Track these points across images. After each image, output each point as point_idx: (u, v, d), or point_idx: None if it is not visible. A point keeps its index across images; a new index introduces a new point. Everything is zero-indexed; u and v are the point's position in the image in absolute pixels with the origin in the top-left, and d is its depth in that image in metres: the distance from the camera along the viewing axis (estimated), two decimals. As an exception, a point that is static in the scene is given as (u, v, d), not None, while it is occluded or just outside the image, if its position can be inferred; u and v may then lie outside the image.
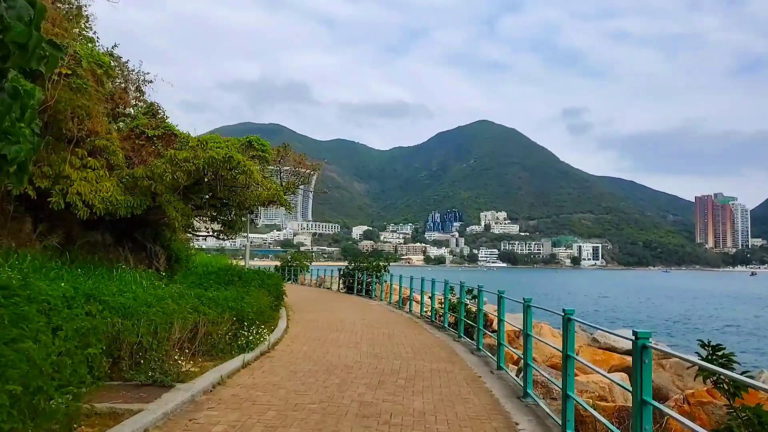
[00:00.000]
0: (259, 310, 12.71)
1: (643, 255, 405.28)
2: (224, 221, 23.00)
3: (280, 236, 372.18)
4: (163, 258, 21.95)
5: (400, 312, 22.04)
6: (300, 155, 22.17)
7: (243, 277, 20.18)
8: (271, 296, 17.67)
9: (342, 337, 14.26)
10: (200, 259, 32.16)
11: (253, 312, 12.06)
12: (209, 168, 16.67)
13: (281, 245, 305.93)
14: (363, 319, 18.76)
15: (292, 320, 17.78)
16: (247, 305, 12.07)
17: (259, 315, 12.63)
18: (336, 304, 24.87)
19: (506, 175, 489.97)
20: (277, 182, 20.75)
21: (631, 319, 46.28)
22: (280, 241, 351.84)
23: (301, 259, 52.69)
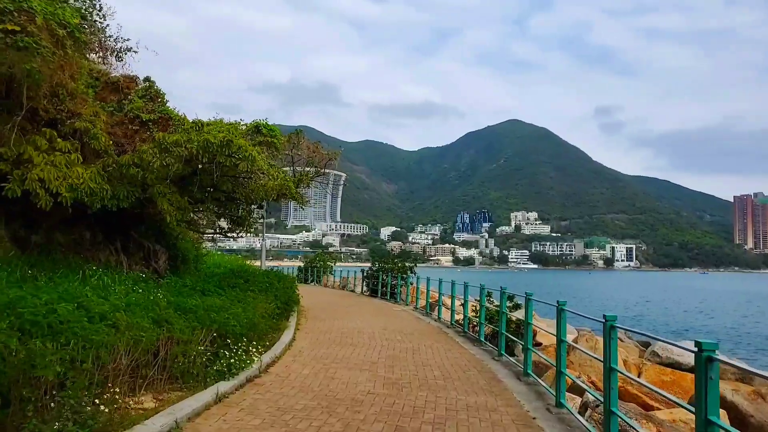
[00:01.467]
0: (250, 322, 10.26)
1: (679, 256, 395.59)
2: (232, 217, 20.73)
3: (309, 237, 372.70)
4: (164, 258, 19.72)
5: (428, 320, 19.49)
6: (315, 143, 19.76)
7: (251, 279, 17.91)
8: (278, 302, 15.30)
9: (356, 354, 11.76)
10: (213, 260, 30.11)
11: (240, 325, 9.62)
12: (204, 153, 14.32)
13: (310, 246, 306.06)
14: (384, 328, 16.25)
15: (301, 330, 15.35)
16: (232, 317, 9.62)
17: (251, 329, 10.18)
18: (356, 310, 22.41)
19: (537, 175, 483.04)
20: (286, 172, 18.37)
21: (687, 327, 42.02)
22: (309, 242, 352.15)
23: (325, 260, 50.29)
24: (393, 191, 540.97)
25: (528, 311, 9.97)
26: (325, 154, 19.75)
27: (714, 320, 48.46)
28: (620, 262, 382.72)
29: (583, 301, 64.55)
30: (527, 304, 10.01)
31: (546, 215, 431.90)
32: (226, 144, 14.51)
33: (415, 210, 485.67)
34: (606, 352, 6.45)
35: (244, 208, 18.90)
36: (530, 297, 9.95)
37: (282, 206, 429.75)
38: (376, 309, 23.18)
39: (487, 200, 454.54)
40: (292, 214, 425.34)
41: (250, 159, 14.63)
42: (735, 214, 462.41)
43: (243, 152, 14.58)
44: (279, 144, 18.32)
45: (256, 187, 16.09)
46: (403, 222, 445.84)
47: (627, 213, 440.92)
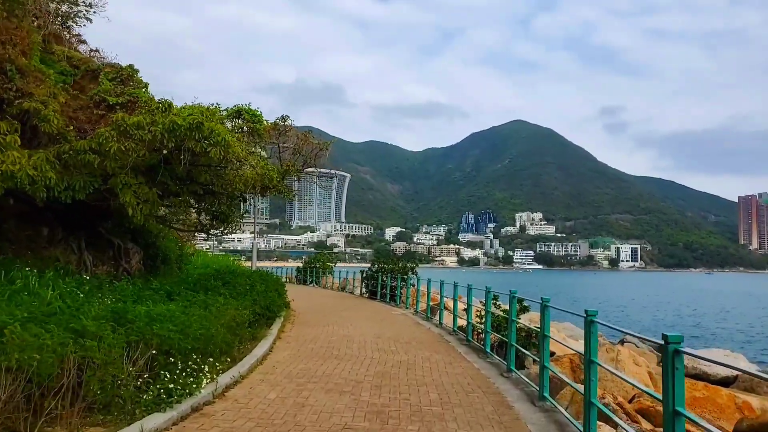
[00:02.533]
0: (206, 334, 8.43)
1: (684, 257, 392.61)
2: (214, 213, 18.97)
3: (313, 238, 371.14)
4: (137, 258, 17.97)
5: (428, 325, 17.68)
6: (305, 132, 17.95)
7: (231, 281, 16.17)
8: (256, 307, 13.52)
9: (340, 369, 9.95)
10: (201, 260, 28.41)
11: (192, 338, 7.83)
12: (170, 138, 12.55)
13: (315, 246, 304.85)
14: (378, 336, 14.45)
15: (283, 339, 13.56)
16: (180, 328, 7.80)
17: (207, 342, 8.38)
18: (351, 314, 20.61)
19: (542, 175, 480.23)
20: (268, 161, 16.56)
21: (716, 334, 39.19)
22: (314, 242, 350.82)
23: (324, 260, 48.44)
24: (397, 192, 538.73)
25: (545, 321, 8.15)
26: (316, 144, 17.93)
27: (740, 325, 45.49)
28: (625, 263, 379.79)
29: (595, 304, 62.36)
30: (544, 312, 8.19)
31: (551, 216, 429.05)
32: (196, 127, 12.75)
33: (419, 210, 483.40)
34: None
35: (226, 202, 17.09)
36: (547, 303, 8.14)
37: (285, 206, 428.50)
38: (373, 313, 21.38)
39: (492, 201, 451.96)
40: (296, 215, 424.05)
41: (223, 144, 12.86)
42: (740, 215, 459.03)
43: (215, 137, 12.82)
44: (262, 130, 16.56)
45: (234, 178, 14.30)
46: (407, 222, 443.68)
47: (632, 213, 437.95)
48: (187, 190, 15.95)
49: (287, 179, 17.64)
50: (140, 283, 13.86)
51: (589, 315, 6.23)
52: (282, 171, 16.83)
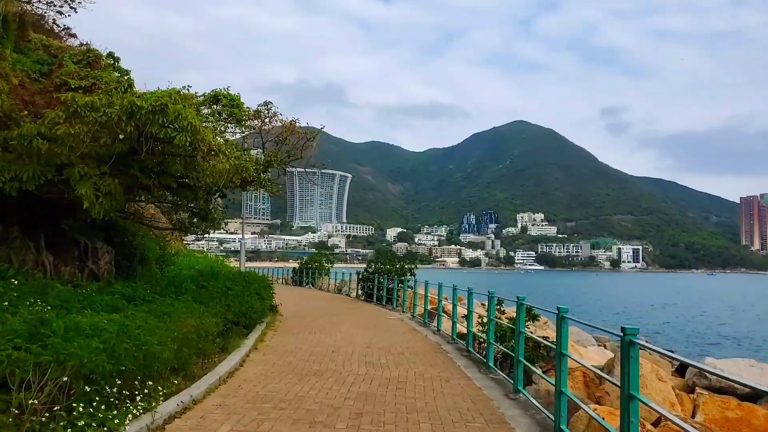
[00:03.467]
0: (149, 352, 6.88)
1: (685, 257, 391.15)
2: (192, 209, 17.46)
3: (314, 238, 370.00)
4: (107, 258, 16.41)
5: (425, 332, 16.16)
6: (291, 122, 16.40)
7: (208, 285, 14.70)
8: (229, 314, 12.01)
9: (317, 390, 8.41)
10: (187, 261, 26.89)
11: (123, 359, 6.29)
12: (129, 121, 11.04)
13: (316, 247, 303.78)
14: (368, 346, 12.92)
15: (261, 350, 12.03)
16: (102, 347, 6.23)
17: (151, 361, 6.85)
18: (342, 318, 19.09)
19: (543, 175, 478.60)
20: (248, 151, 15.02)
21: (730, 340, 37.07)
22: (315, 243, 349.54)
23: (321, 261, 46.89)
24: (399, 192, 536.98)
25: (562, 336, 6.61)
26: (303, 133, 16.39)
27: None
28: (627, 264, 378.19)
29: (600, 307, 60.54)
30: (560, 324, 6.66)
31: (552, 216, 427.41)
32: (160, 110, 11.21)
33: (420, 211, 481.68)
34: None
35: (203, 197, 15.56)
36: (565, 314, 6.60)
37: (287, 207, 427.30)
38: (367, 317, 19.86)
39: (493, 201, 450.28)
40: (297, 216, 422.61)
41: (189, 130, 11.33)
42: (741, 215, 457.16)
43: (181, 121, 11.30)
44: (241, 115, 15.03)
45: (207, 169, 12.76)
46: (408, 223, 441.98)
47: (633, 214, 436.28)
48: (159, 184, 14.40)
49: (270, 172, 16.10)
50: (98, 286, 12.32)
51: (628, 334, 4.88)
52: (263, 163, 15.30)
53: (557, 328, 6.70)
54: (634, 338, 4.98)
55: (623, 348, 5.07)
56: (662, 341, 33.45)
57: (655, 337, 35.22)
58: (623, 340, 5.05)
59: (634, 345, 4.99)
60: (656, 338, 34.70)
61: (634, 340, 4.97)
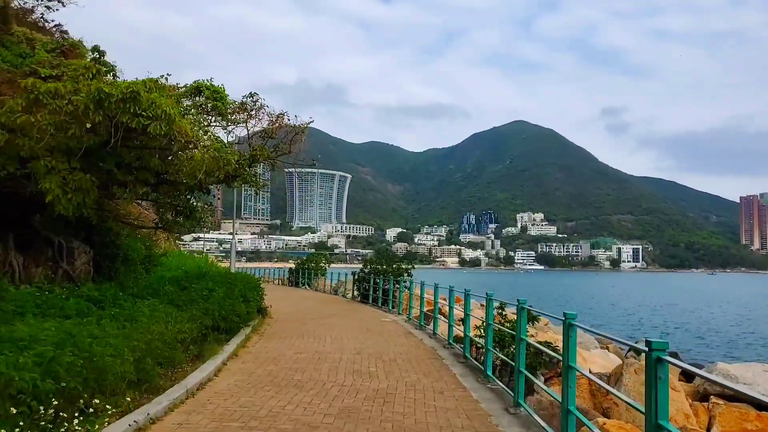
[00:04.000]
0: (98, 366, 6.00)
1: (685, 257, 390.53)
2: (176, 207, 16.60)
3: (314, 239, 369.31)
4: (84, 259, 15.53)
5: (421, 335, 15.30)
6: (279, 115, 15.52)
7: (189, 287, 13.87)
8: (207, 318, 11.14)
9: (294, 404, 7.54)
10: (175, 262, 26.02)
11: (64, 373, 5.42)
12: (98, 110, 10.18)
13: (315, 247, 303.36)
14: (358, 351, 12.06)
15: (242, 357, 11.16)
16: (35, 361, 5.37)
17: (102, 375, 5.97)
18: (334, 321, 18.23)
19: (543, 175, 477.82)
20: (231, 145, 14.12)
21: None
22: (315, 243, 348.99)
23: (317, 261, 45.96)
24: (398, 192, 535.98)
25: (570, 346, 5.74)
26: (291, 127, 15.51)
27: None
28: (627, 263, 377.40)
29: (605, 309, 59.29)
30: (568, 332, 5.78)
31: (552, 216, 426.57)
32: (131, 98, 10.37)
33: (420, 211, 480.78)
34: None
35: (185, 193, 14.69)
36: (572, 320, 5.73)
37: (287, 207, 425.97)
38: (360, 320, 19.00)
39: (493, 201, 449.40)
40: (297, 216, 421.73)
41: (164, 119, 10.48)
42: (741, 215, 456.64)
43: (155, 110, 10.45)
44: (224, 108, 14.17)
45: (185, 162, 11.89)
46: (408, 223, 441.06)
47: (633, 214, 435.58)
48: (137, 180, 13.54)
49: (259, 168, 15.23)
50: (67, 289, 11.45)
51: (655, 349, 3.95)
52: (248, 157, 14.43)
53: (564, 337, 5.83)
54: (662, 354, 3.96)
55: (649, 366, 4.05)
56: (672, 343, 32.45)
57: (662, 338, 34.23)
58: (649, 358, 4.03)
59: (662, 363, 3.97)
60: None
61: (662, 357, 3.95)
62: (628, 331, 37.53)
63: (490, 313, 9.51)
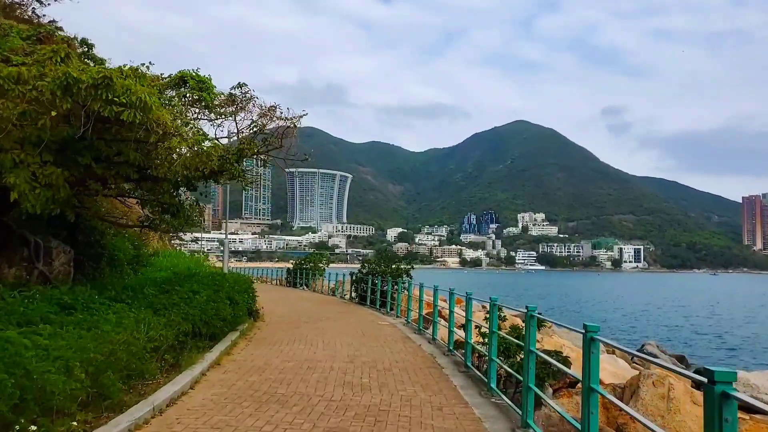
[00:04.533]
0: (36, 383, 5.15)
1: (687, 257, 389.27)
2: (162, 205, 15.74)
3: (315, 238, 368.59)
4: (63, 259, 14.67)
5: (419, 340, 14.44)
6: (271, 108, 14.63)
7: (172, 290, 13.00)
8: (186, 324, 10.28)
9: (273, 425, 6.65)
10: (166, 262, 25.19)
11: None
12: (65, 97, 9.33)
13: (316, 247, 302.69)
14: (351, 359, 11.20)
15: (224, 365, 10.30)
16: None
17: (39, 400, 5.12)
18: (329, 324, 17.36)
19: (544, 176, 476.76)
20: (216, 139, 13.22)
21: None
22: (315, 243, 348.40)
23: (316, 261, 45.05)
24: (399, 192, 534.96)
25: (591, 364, 4.86)
26: (283, 120, 14.63)
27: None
28: (628, 263, 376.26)
29: (611, 311, 57.82)
30: (589, 347, 4.91)
31: (553, 216, 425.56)
32: (103, 84, 9.53)
33: (421, 211, 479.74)
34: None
35: (168, 190, 13.82)
36: (595, 334, 4.86)
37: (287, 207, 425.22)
38: (357, 323, 18.13)
39: (494, 201, 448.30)
40: (298, 216, 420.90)
41: (139, 106, 9.62)
42: (744, 215, 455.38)
43: (129, 96, 9.59)
44: (210, 99, 13.30)
45: (165, 155, 11.02)
46: (409, 223, 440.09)
47: (635, 214, 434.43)
48: (117, 175, 12.68)
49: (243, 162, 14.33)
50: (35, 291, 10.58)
51: (720, 381, 3.04)
52: (235, 151, 13.56)
53: (585, 353, 4.96)
54: (729, 389, 3.04)
55: (712, 403, 3.14)
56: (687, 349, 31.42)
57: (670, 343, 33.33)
58: (712, 392, 3.11)
59: (729, 401, 3.04)
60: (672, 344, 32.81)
61: (729, 391, 3.02)
62: (639, 336, 36.34)
63: (494, 319, 8.63)
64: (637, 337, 35.84)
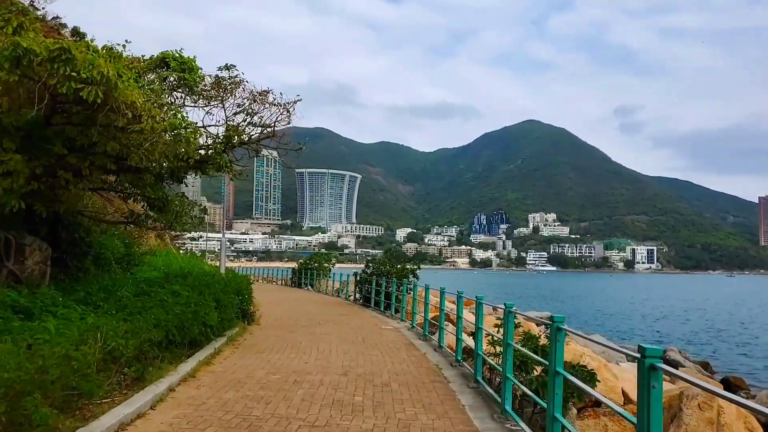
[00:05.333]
0: None
1: (702, 258, 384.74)
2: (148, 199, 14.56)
3: (324, 239, 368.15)
4: (37, 257, 13.48)
5: (424, 348, 13.16)
6: (262, 92, 13.38)
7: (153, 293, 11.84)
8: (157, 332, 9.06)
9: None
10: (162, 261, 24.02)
11: None
12: (16, 71, 8.13)
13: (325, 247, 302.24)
14: (346, 371, 9.93)
15: (200, 378, 9.06)
16: None
17: None
18: (327, 329, 16.11)
19: (555, 175, 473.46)
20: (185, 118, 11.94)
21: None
22: (325, 243, 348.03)
23: (321, 261, 43.83)
24: (409, 192, 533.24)
25: (651, 401, 3.56)
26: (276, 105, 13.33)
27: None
28: (641, 264, 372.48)
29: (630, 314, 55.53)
30: (648, 378, 3.60)
31: (565, 216, 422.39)
32: (62, 58, 8.32)
33: (431, 211, 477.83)
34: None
35: (151, 182, 12.59)
36: (657, 362, 3.56)
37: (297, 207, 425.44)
38: (357, 328, 16.88)
39: (505, 201, 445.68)
40: (307, 216, 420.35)
41: (102, 82, 8.40)
42: (760, 215, 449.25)
43: (90, 71, 8.38)
44: (193, 81, 12.08)
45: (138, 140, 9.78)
46: (418, 223, 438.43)
47: (647, 214, 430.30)
48: (92, 165, 11.47)
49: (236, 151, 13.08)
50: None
51: None
52: (222, 139, 12.33)
53: (642, 386, 3.63)
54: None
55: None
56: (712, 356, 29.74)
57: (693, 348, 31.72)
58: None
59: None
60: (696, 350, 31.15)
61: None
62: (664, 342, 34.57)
63: (509, 330, 7.32)
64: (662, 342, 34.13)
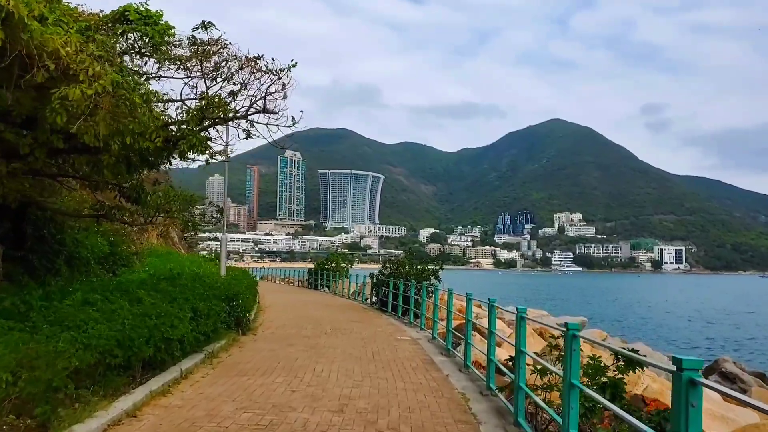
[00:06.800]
0: None
1: (732, 259, 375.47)
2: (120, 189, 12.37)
3: (347, 239, 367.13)
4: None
5: (447, 367, 10.71)
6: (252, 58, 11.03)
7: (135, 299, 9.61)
8: (91, 352, 6.74)
9: None
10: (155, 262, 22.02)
11: None
12: None
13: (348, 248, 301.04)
14: (342, 408, 7.51)
15: (142, 418, 6.74)
16: None
17: None
18: (333, 341, 13.71)
19: (581, 175, 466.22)
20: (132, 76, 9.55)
21: None
22: (348, 243, 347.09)
23: (338, 261, 41.48)
24: (432, 193, 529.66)
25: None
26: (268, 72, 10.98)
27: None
28: (669, 265, 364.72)
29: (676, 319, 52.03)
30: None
31: (590, 216, 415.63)
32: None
33: (453, 212, 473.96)
34: None
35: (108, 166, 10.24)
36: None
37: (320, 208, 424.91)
38: (369, 338, 14.48)
39: (529, 201, 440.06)
40: (330, 217, 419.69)
41: (10, 24, 6.11)
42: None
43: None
44: (159, 38, 9.76)
45: (52, 103, 7.49)
46: (442, 224, 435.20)
47: (675, 214, 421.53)
48: (34, 143, 9.21)
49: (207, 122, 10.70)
50: None
51: None
52: (195, 112, 9.98)
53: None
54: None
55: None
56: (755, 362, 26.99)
57: (740, 354, 28.82)
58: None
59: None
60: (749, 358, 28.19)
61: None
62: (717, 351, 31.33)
63: (573, 364, 4.83)
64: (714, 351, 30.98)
